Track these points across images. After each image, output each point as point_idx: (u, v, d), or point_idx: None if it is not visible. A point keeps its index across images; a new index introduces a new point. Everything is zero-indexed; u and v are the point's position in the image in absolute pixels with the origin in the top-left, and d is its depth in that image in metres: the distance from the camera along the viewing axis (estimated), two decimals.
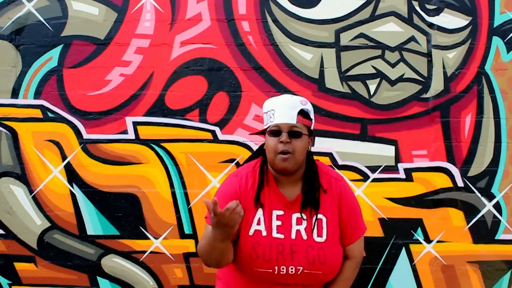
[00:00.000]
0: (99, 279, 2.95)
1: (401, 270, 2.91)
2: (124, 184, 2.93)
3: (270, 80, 2.92)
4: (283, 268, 1.82)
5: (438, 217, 2.91)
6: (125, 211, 2.93)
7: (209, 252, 1.81)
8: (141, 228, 2.94)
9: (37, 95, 2.95)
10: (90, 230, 2.94)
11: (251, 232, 1.87)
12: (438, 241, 2.91)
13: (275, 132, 1.86)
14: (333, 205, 1.94)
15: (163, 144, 2.94)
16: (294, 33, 2.94)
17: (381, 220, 2.91)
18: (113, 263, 2.94)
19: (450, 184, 2.90)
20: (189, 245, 2.94)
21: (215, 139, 2.92)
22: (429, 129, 2.91)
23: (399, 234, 2.91)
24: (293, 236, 1.86)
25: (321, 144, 2.92)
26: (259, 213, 1.89)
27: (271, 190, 1.93)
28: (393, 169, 2.91)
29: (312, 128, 1.98)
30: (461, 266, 2.91)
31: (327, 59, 2.93)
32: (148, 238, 2.93)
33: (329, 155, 2.93)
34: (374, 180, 2.91)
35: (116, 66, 2.94)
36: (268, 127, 1.89)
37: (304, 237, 1.86)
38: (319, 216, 1.89)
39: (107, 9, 2.96)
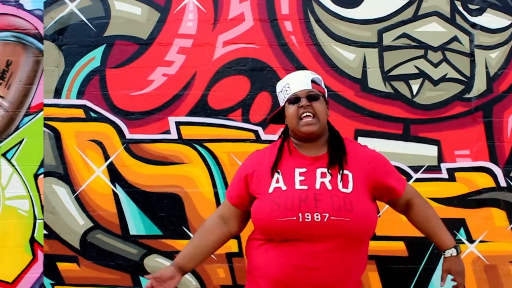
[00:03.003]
0: (142, 279, 3.38)
1: None
2: (166, 184, 3.37)
3: None
4: (307, 216, 2.00)
5: (481, 217, 3.33)
6: (167, 211, 3.36)
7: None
8: (183, 228, 3.37)
9: (79, 95, 3.39)
10: (133, 230, 3.38)
11: (270, 190, 2.12)
12: (480, 241, 3.33)
13: (294, 99, 2.17)
14: (361, 166, 2.21)
15: (206, 144, 3.37)
16: (336, 33, 3.37)
17: None
18: (155, 263, 3.38)
19: (492, 184, 3.33)
20: (231, 245, 3.37)
21: (258, 139, 3.35)
22: (471, 129, 3.34)
23: None
24: (317, 186, 2.09)
25: (364, 144, 3.35)
26: (277, 175, 2.17)
27: (294, 155, 2.21)
28: (436, 169, 3.34)
29: (326, 97, 2.35)
30: (504, 266, 3.34)
31: (370, 59, 3.37)
32: (190, 238, 3.36)
33: None
34: (417, 180, 3.34)
35: (158, 66, 3.37)
36: (286, 99, 2.20)
37: (329, 187, 2.08)
38: (345, 172, 2.14)
39: (149, 9, 3.39)
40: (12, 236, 3.39)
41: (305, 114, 2.17)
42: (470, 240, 3.33)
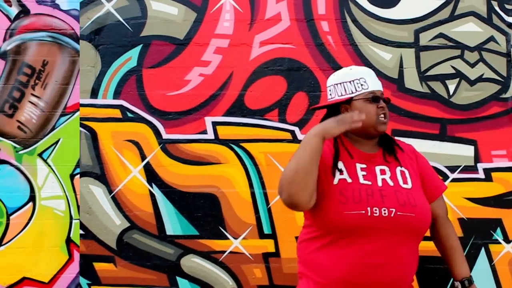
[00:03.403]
0: (179, 279, 3.43)
1: (480, 270, 3.39)
2: (203, 184, 3.42)
3: None
4: (375, 210, 2.04)
5: None
6: (204, 211, 3.42)
7: (300, 167, 2.00)
8: (220, 228, 3.42)
9: (116, 95, 3.44)
10: (170, 230, 3.43)
11: (335, 181, 2.14)
12: None
13: (374, 98, 2.23)
14: (412, 162, 2.32)
15: (243, 144, 3.42)
16: (373, 33, 3.43)
17: (461, 220, 3.39)
18: (192, 263, 3.43)
19: None
20: (268, 245, 3.42)
21: (295, 139, 3.40)
22: (508, 129, 3.39)
23: (478, 234, 3.39)
24: (379, 183, 2.14)
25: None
26: (340, 165, 2.19)
27: (351, 150, 2.24)
28: (473, 169, 3.39)
29: None
30: None
31: (407, 59, 3.42)
32: (227, 238, 3.42)
33: None
34: (454, 180, 3.39)
35: (195, 66, 3.43)
36: (361, 93, 2.22)
37: (391, 183, 2.15)
38: (402, 168, 2.23)
39: (186, 9, 3.45)
40: (48, 236, 3.44)
41: (383, 113, 2.25)
42: (507, 240, 3.38)
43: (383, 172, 2.20)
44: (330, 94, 2.32)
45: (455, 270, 2.39)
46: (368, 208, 2.07)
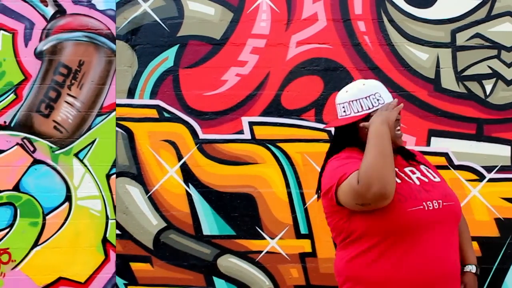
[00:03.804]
0: (215, 279, 3.48)
1: None
2: (240, 184, 3.46)
3: (386, 80, 3.44)
4: (429, 204, 2.10)
5: None
6: (241, 211, 3.46)
7: (386, 154, 2.01)
8: (257, 228, 3.47)
9: (153, 95, 3.48)
10: (206, 230, 3.47)
11: None
12: None
13: None
14: (427, 162, 2.38)
15: (279, 144, 3.47)
16: (410, 33, 3.47)
17: (497, 220, 3.43)
18: (229, 263, 3.47)
19: None
20: (305, 245, 3.47)
21: (331, 139, 3.44)
22: None
23: None
24: (417, 182, 2.21)
25: (437, 144, 3.46)
26: None
27: None
28: (509, 169, 3.43)
29: None
30: None
31: (443, 59, 3.46)
32: (264, 238, 3.47)
33: (445, 155, 3.46)
34: (490, 180, 3.44)
35: (232, 66, 3.47)
36: (378, 109, 2.21)
37: (426, 180, 2.22)
38: (424, 166, 2.31)
39: (223, 9, 3.49)
40: (84, 236, 3.49)
41: (399, 127, 2.29)
42: None
43: (412, 172, 2.26)
44: (345, 111, 2.30)
45: (466, 255, 2.39)
46: (424, 203, 2.11)
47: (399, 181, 2.17)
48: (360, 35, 3.47)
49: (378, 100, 2.24)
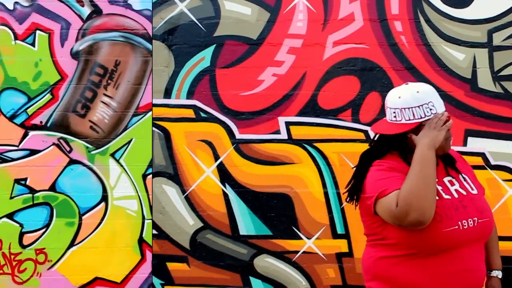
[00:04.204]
0: (252, 279, 3.51)
1: None
2: (276, 184, 3.50)
3: (423, 80, 3.47)
4: (465, 223, 2.12)
5: None
6: (277, 211, 3.50)
7: (429, 182, 2.03)
8: (293, 228, 3.51)
9: (189, 95, 3.52)
10: (243, 230, 3.51)
11: None
12: None
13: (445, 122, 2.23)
14: (464, 166, 2.38)
15: (316, 144, 3.50)
16: (446, 33, 3.51)
17: None
18: (265, 263, 3.51)
19: None
20: (341, 245, 3.51)
21: (368, 139, 3.46)
22: None
23: None
24: (455, 195, 2.21)
25: (474, 144, 3.50)
26: None
27: None
28: None
29: None
30: None
31: (480, 59, 3.50)
32: (300, 238, 3.50)
33: (482, 155, 3.50)
34: None
35: (268, 66, 3.51)
36: (430, 118, 2.18)
37: (464, 192, 2.22)
38: (464, 175, 2.30)
39: (259, 9, 3.53)
40: (120, 236, 3.53)
41: (450, 138, 2.29)
42: None
43: (451, 183, 2.26)
44: (395, 117, 2.27)
45: (493, 261, 2.43)
46: (459, 223, 2.14)
47: (436, 198, 2.16)
48: (397, 35, 3.50)
49: (430, 109, 2.22)
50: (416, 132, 2.22)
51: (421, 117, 2.22)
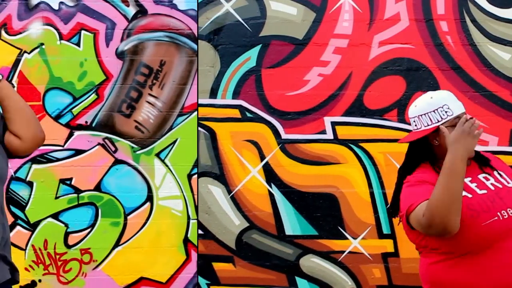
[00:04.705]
0: (298, 279, 3.55)
1: None
2: (322, 184, 3.54)
3: (469, 80, 3.53)
4: (504, 213, 2.18)
5: None
6: (323, 211, 3.54)
7: (455, 193, 2.08)
8: (339, 228, 3.55)
9: (235, 95, 3.57)
10: (289, 230, 3.55)
11: None
12: None
13: None
14: (499, 164, 2.43)
15: (362, 144, 3.54)
16: (492, 33, 3.54)
17: None
18: (311, 263, 3.55)
19: None
20: (387, 245, 3.55)
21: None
22: None
23: None
24: (492, 188, 2.27)
25: None
26: None
27: None
28: None
29: None
30: None
31: None
32: (346, 238, 3.55)
33: None
34: None
35: (314, 66, 3.55)
36: (447, 121, 2.27)
37: (500, 186, 2.28)
38: (498, 171, 2.35)
39: (305, 9, 3.57)
40: (165, 236, 3.57)
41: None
42: None
43: (486, 178, 2.32)
44: (416, 125, 2.37)
45: None
46: (498, 213, 2.19)
47: (470, 195, 2.25)
48: (443, 35, 3.55)
49: (446, 112, 2.30)
50: (436, 136, 2.29)
51: (438, 121, 2.30)
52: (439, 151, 2.28)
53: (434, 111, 2.31)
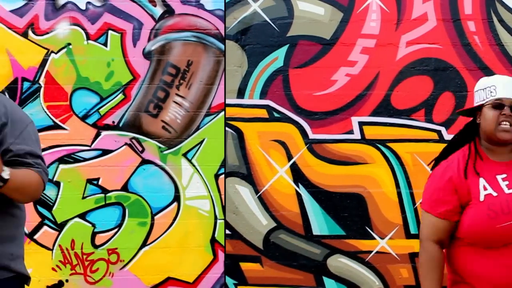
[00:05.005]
0: (325, 279, 3.58)
1: None
2: (349, 184, 3.57)
3: None
4: None
5: None
6: (350, 211, 3.56)
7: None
8: (367, 228, 3.58)
9: (262, 95, 3.59)
10: (316, 230, 3.58)
11: (481, 198, 2.25)
12: None
13: (498, 105, 2.28)
14: None
15: (389, 144, 3.57)
16: None
17: None
18: (338, 263, 3.57)
19: None
20: (414, 245, 3.56)
21: (441, 139, 3.54)
22: None
23: None
24: (506, 191, 2.26)
25: None
26: (482, 181, 2.28)
27: (486, 162, 2.33)
28: None
29: None
30: None
31: None
32: (374, 238, 3.57)
33: None
34: None
35: (342, 66, 3.58)
36: (489, 100, 2.29)
37: None
38: None
39: (332, 9, 3.59)
40: (192, 236, 3.59)
41: (503, 121, 2.30)
42: None
43: (504, 179, 2.30)
44: (475, 99, 2.44)
45: None
46: None
47: (495, 194, 2.27)
48: (470, 35, 3.57)
49: (491, 92, 2.32)
50: (481, 115, 2.33)
51: (483, 99, 2.34)
52: (480, 131, 2.32)
53: (483, 89, 2.35)
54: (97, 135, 3.59)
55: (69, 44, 3.59)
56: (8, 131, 1.92)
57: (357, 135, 3.57)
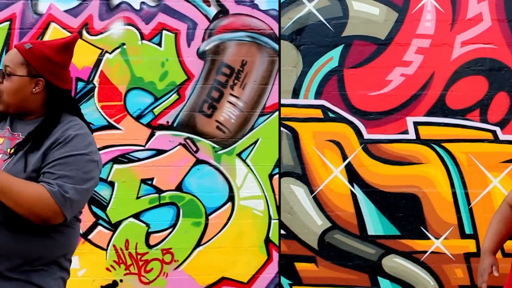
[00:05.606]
0: (380, 279, 3.62)
1: None
2: (404, 184, 3.61)
3: None
4: None
5: None
6: (405, 211, 3.60)
7: None
8: (421, 228, 3.62)
9: (317, 95, 3.63)
10: (371, 230, 3.62)
11: None
12: None
13: None
14: None
15: (444, 144, 3.61)
16: None
17: None
18: (394, 263, 3.61)
19: None
20: (469, 245, 3.61)
21: (496, 139, 3.58)
22: None
23: None
24: None
25: None
26: None
27: None
28: None
29: None
30: None
31: None
32: (428, 238, 3.61)
33: None
34: None
35: (396, 66, 3.62)
36: None
37: None
38: None
39: (387, 9, 3.64)
40: (247, 236, 3.64)
41: None
42: None
43: None
44: None
45: None
46: None
47: None
48: None
49: None
50: None
51: None
52: None
53: None
54: (151, 135, 3.63)
55: (123, 44, 3.63)
56: (54, 152, 1.83)
57: (412, 135, 3.61)
